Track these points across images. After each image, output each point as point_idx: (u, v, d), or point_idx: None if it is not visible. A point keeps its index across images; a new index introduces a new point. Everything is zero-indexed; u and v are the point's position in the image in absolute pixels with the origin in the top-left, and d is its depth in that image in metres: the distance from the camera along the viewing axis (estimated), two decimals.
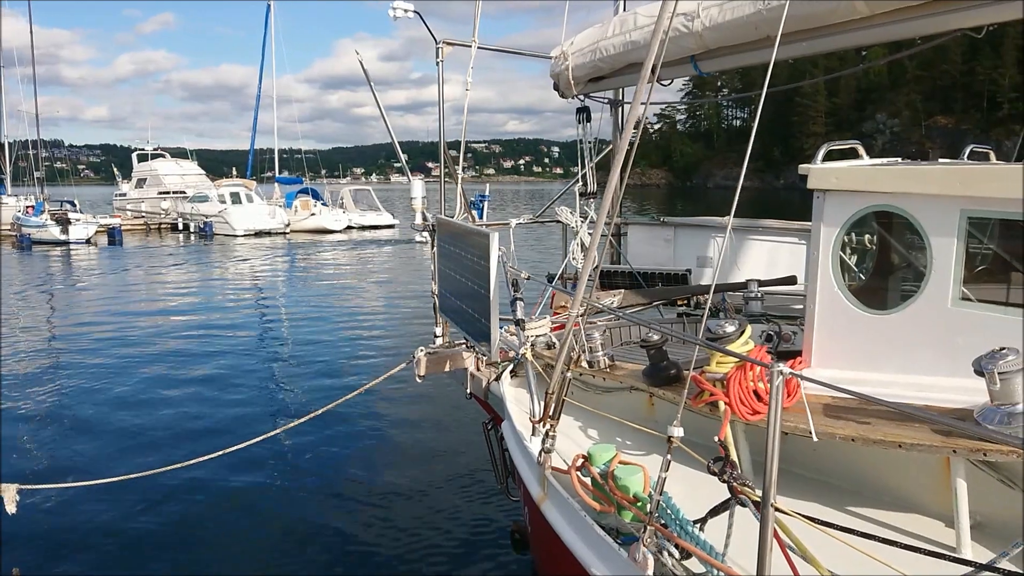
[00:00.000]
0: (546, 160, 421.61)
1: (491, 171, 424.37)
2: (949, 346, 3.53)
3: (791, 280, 6.67)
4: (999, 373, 2.90)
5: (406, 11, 6.82)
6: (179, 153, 68.60)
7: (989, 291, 3.99)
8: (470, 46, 6.93)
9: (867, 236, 4.45)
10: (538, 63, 7.78)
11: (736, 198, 3.60)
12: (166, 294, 24.10)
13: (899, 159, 4.62)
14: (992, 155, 5.15)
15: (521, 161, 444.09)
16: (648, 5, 6.43)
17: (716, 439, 3.16)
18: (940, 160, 4.58)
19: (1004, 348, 2.96)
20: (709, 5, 5.50)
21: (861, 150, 4.50)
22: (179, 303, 22.09)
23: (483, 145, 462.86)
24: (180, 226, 50.25)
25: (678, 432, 3.16)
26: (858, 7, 4.62)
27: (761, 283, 6.49)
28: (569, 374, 4.11)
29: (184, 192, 54.45)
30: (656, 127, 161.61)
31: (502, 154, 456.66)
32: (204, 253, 38.03)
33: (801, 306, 5.07)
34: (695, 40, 5.67)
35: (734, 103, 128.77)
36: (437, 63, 6.91)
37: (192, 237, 47.03)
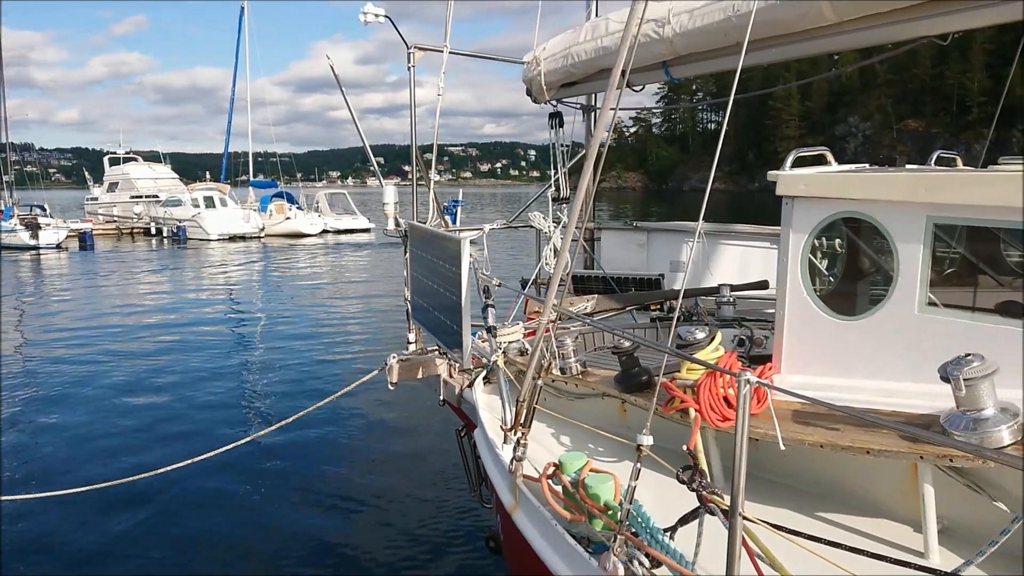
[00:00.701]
0: (523, 163, 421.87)
1: (468, 174, 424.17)
2: (916, 352, 3.55)
3: (763, 284, 6.70)
4: (964, 379, 2.91)
5: (377, 15, 6.77)
6: (152, 156, 67.92)
7: (956, 297, 4.02)
8: (442, 51, 6.90)
9: (837, 240, 4.47)
10: (515, 66, 7.76)
11: (704, 203, 3.61)
12: (138, 299, 23.79)
13: (867, 165, 4.66)
14: (959, 160, 5.21)
15: (498, 164, 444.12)
16: (619, 11, 6.44)
17: (685, 448, 3.16)
18: (907, 166, 4.62)
19: (970, 354, 2.98)
20: (679, 11, 5.52)
21: (829, 156, 4.52)
22: (151, 308, 21.83)
23: (460, 148, 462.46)
24: (153, 230, 49.70)
25: (647, 441, 3.15)
26: (826, 14, 4.65)
27: (733, 287, 6.52)
28: (540, 382, 4.10)
29: (157, 196, 53.86)
30: (632, 130, 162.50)
31: (479, 157, 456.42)
32: (177, 258, 37.65)
33: (773, 310, 5.09)
34: (666, 46, 5.68)
35: (709, 107, 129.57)
36: (409, 68, 6.87)
37: (165, 242, 46.53)
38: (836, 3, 4.53)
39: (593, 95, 8.01)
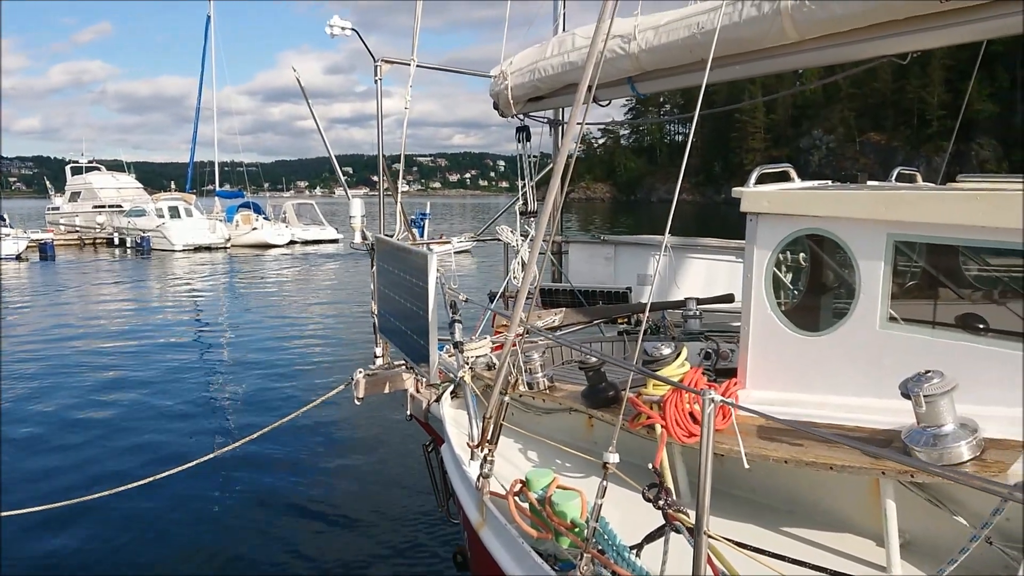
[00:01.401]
0: (492, 174, 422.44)
1: (437, 184, 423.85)
2: (878, 367, 3.59)
3: (728, 298, 6.76)
4: (925, 396, 2.95)
5: (344, 28, 6.74)
6: (115, 166, 66.81)
7: (918, 310, 4.08)
8: (409, 64, 6.89)
9: (801, 254, 4.53)
10: (483, 77, 7.76)
11: (670, 217, 3.63)
12: (99, 312, 23.36)
13: (829, 182, 4.73)
14: (919, 176, 5.30)
15: (467, 175, 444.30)
16: (586, 27, 6.48)
17: (651, 467, 3.16)
18: (868, 183, 4.69)
19: (929, 371, 3.02)
20: (645, 28, 5.57)
21: (793, 173, 4.58)
22: (112, 321, 21.44)
23: (429, 159, 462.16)
24: (116, 241, 48.92)
25: (613, 458, 3.15)
26: (788, 32, 4.72)
27: (699, 301, 6.57)
28: (507, 398, 4.08)
29: (120, 206, 53.05)
30: (600, 142, 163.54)
31: (448, 168, 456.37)
32: (141, 269, 37.07)
33: (739, 323, 5.14)
34: (631, 62, 5.73)
35: (680, 109, 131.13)
36: (376, 81, 6.84)
37: (128, 252, 45.81)
38: (798, 22, 4.60)
39: (560, 109, 8.05)
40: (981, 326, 4.55)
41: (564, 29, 7.96)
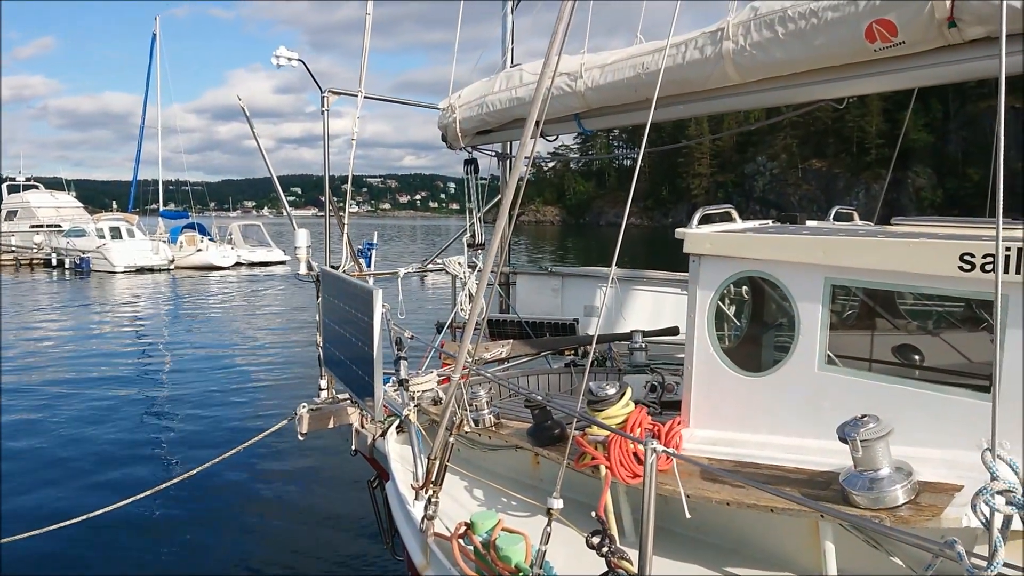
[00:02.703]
0: (442, 195, 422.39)
1: (387, 206, 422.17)
2: (817, 409, 3.66)
3: (674, 331, 6.83)
4: (861, 441, 3.02)
5: (290, 59, 6.69)
6: (55, 183, 65.09)
7: (856, 346, 4.18)
8: (356, 95, 6.86)
9: (744, 287, 4.60)
10: (436, 97, 7.74)
11: (616, 252, 3.67)
12: (33, 335, 22.56)
13: (770, 221, 4.83)
14: (855, 215, 5.44)
15: (417, 196, 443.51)
16: (533, 62, 6.55)
17: (593, 515, 3.16)
18: (808, 222, 4.79)
19: (866, 416, 3.09)
20: (591, 66, 5.65)
21: (734, 213, 4.67)
22: (46, 345, 20.71)
23: (379, 180, 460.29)
24: (54, 262, 47.48)
25: (557, 504, 3.16)
26: (730, 75, 4.84)
27: (645, 334, 6.63)
28: (452, 439, 4.05)
29: (59, 226, 51.61)
30: (550, 165, 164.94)
31: (398, 189, 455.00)
32: (79, 291, 36.00)
33: (684, 355, 5.19)
34: (578, 99, 5.80)
35: (624, 143, 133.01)
36: (322, 112, 6.79)
37: (67, 274, 44.50)
38: (739, 66, 4.72)
39: (509, 142, 8.09)
40: (917, 357, 4.70)
41: (512, 60, 8.03)
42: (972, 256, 3.15)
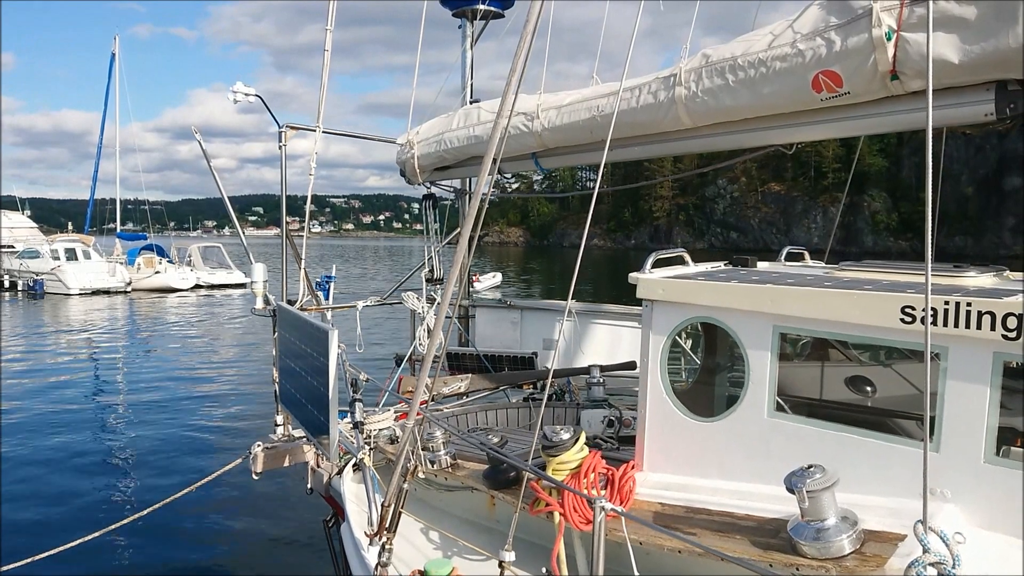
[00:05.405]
0: (406, 216, 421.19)
1: (350, 226, 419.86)
2: (766, 455, 3.71)
3: (631, 365, 6.88)
4: (808, 492, 3.06)
5: (247, 95, 6.66)
6: (9, 203, 63.65)
7: (807, 392, 4.24)
8: (314, 131, 6.84)
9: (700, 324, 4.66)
10: (400, 120, 7.77)
11: (572, 284, 3.71)
12: None
13: (722, 264, 4.90)
14: (807, 255, 5.54)
15: (381, 217, 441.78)
16: (491, 101, 6.60)
17: (544, 571, 3.16)
18: (760, 264, 4.87)
19: (812, 466, 3.13)
20: (548, 107, 5.71)
21: (687, 257, 4.73)
22: None
23: (342, 200, 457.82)
24: (6, 284, 46.39)
25: (509, 557, 3.15)
26: (683, 119, 4.92)
27: (603, 368, 6.66)
28: (407, 485, 4.03)
29: (12, 247, 50.46)
30: (513, 186, 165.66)
31: (361, 209, 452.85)
32: (32, 314, 35.17)
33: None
34: (535, 139, 5.86)
35: (587, 168, 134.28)
36: (280, 147, 6.77)
37: (20, 295, 43.51)
38: (691, 111, 4.80)
39: (467, 179, 8.11)
40: (869, 388, 4.79)
41: (471, 95, 8.08)
42: (912, 308, 3.23)
